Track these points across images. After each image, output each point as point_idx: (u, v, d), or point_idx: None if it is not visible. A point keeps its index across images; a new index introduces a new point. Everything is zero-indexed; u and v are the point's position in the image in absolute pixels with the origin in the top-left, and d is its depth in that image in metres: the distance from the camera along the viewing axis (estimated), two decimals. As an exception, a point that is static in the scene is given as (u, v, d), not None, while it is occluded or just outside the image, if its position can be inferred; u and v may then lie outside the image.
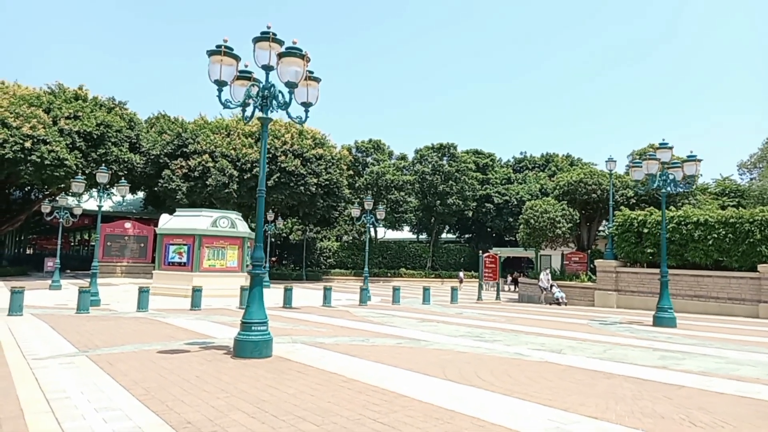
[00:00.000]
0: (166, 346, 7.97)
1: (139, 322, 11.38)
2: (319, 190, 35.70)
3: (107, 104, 32.88)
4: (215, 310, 14.94)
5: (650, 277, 19.02)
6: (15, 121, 26.95)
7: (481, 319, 13.73)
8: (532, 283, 23.37)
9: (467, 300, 22.21)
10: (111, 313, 13.78)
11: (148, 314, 13.22)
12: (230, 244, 21.84)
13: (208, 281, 20.95)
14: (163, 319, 11.96)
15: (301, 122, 7.66)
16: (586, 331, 11.25)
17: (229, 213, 22.67)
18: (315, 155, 35.34)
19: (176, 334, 9.53)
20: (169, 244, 21.44)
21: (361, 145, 45.71)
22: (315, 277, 40.22)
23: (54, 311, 13.78)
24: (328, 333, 10.05)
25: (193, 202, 32.84)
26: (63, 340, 8.37)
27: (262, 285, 7.32)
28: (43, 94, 30.79)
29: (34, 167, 27.16)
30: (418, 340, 9.09)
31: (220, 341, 8.66)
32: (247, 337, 6.96)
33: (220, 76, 6.99)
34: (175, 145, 33.71)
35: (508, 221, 46.68)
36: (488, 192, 47.67)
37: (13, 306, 12.49)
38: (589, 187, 22.03)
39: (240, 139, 34.56)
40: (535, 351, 8.12)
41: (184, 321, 11.65)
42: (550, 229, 21.69)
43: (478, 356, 7.52)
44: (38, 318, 11.81)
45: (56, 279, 22.57)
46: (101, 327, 10.30)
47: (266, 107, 7.38)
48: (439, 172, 43.59)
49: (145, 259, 34.95)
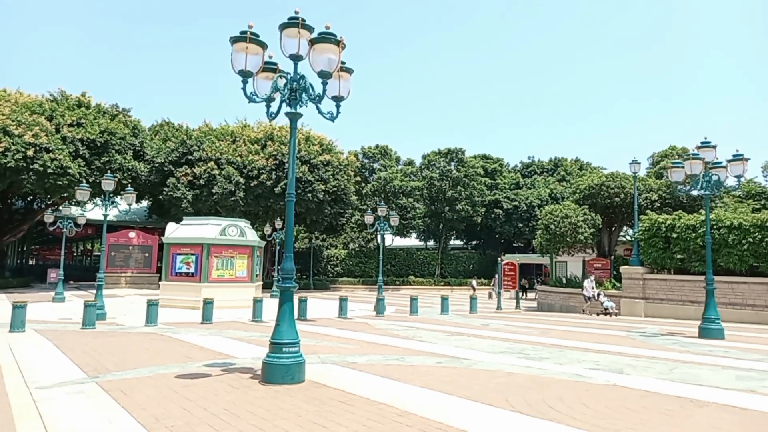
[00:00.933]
0: (183, 368, 7.17)
1: (150, 338, 10.57)
2: (326, 197, 34.94)
3: (110, 111, 32.28)
4: (227, 324, 14.13)
5: (680, 284, 18.17)
6: (17, 129, 26.31)
7: (511, 331, 12.90)
8: (552, 291, 22.52)
9: (486, 309, 21.36)
10: (118, 328, 12.98)
11: (158, 329, 12.42)
12: (239, 253, 21.04)
13: (217, 292, 20.11)
14: (174, 335, 11.15)
15: (333, 118, 6.89)
16: (632, 345, 10.41)
17: (237, 221, 21.89)
18: (322, 161, 34.62)
19: (192, 353, 8.72)
20: (176, 253, 20.66)
21: (368, 150, 45.02)
22: (323, 285, 39.37)
23: (58, 326, 12.99)
24: (357, 350, 9.24)
25: (198, 210, 32.10)
26: (69, 363, 7.58)
27: (292, 301, 6.53)
28: (45, 102, 30.19)
29: (36, 176, 26.48)
30: (457, 359, 8.26)
31: (242, 361, 7.85)
32: (278, 360, 6.16)
33: (245, 66, 6.23)
34: (179, 153, 33.02)
35: (518, 227, 45.87)
36: (497, 197, 46.84)
37: (15, 322, 11.71)
38: (611, 190, 21.23)
39: (246, 145, 33.87)
40: (594, 371, 7.29)
41: (197, 337, 10.84)
42: (571, 234, 20.87)
43: (535, 379, 6.71)
44: (41, 335, 11.02)
45: (60, 291, 21.81)
46: (110, 345, 9.50)
47: (295, 101, 6.62)
48: (448, 178, 42.83)
49: (150, 269, 34.18)
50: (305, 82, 6.61)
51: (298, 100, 6.63)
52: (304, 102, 6.71)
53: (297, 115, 6.67)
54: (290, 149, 6.71)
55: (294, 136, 6.71)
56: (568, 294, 21.62)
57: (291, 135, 6.72)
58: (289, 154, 6.70)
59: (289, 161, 6.72)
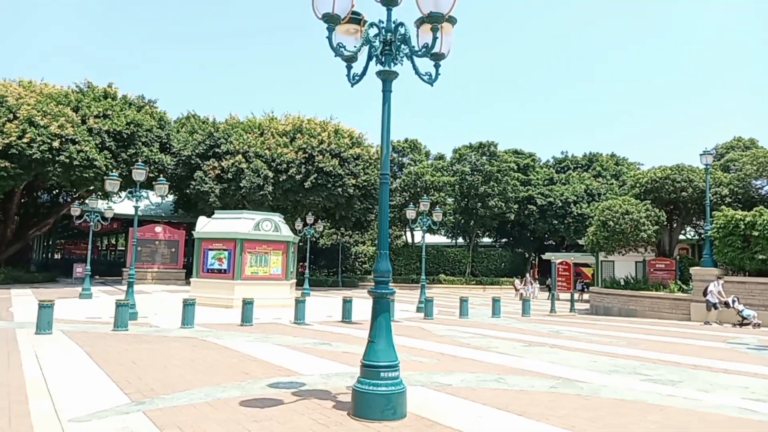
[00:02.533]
0: (245, 390, 5.83)
1: (192, 345, 9.30)
2: (356, 192, 33.63)
3: (137, 103, 31.34)
4: (269, 327, 12.85)
5: (762, 287, 16.39)
6: (42, 119, 25.46)
7: (593, 341, 11.36)
8: (609, 293, 20.81)
9: (537, 312, 19.76)
10: (153, 330, 11.78)
11: (197, 332, 11.18)
12: (274, 249, 19.81)
13: (250, 290, 18.90)
14: (217, 341, 9.88)
15: (432, 81, 5.46)
16: (751, 361, 8.82)
17: (271, 215, 20.66)
18: (352, 155, 33.27)
19: (246, 366, 7.40)
20: (208, 249, 19.51)
21: (397, 144, 43.57)
22: (351, 283, 38.10)
23: (87, 327, 11.84)
24: (437, 366, 7.82)
25: (225, 204, 31.03)
26: (106, 380, 6.31)
27: (389, 311, 5.13)
28: (71, 93, 29.36)
29: (62, 168, 25.62)
30: (570, 381, 6.79)
31: (310, 380, 6.49)
32: (375, 389, 4.76)
33: (333, 9, 4.85)
34: (207, 145, 31.98)
35: (552, 224, 44.08)
36: (530, 193, 45.03)
37: (41, 323, 10.58)
38: (677, 184, 19.44)
39: (274, 138, 32.67)
40: (757, 402, 5.76)
41: (243, 343, 9.55)
42: (632, 232, 19.15)
43: (695, 414, 5.22)
44: (70, 338, 9.84)
45: (87, 287, 20.83)
46: (148, 354, 8.24)
47: (390, 56, 5.21)
48: (480, 172, 41.16)
49: (176, 265, 33.29)
50: (405, 31, 5.19)
51: (394, 55, 5.21)
52: (400, 58, 5.30)
53: (392, 74, 5.25)
54: (383, 121, 5.29)
55: (387, 103, 5.29)
56: (627, 297, 19.92)
57: (384, 103, 5.30)
58: (382, 127, 5.29)
59: (382, 138, 5.30)
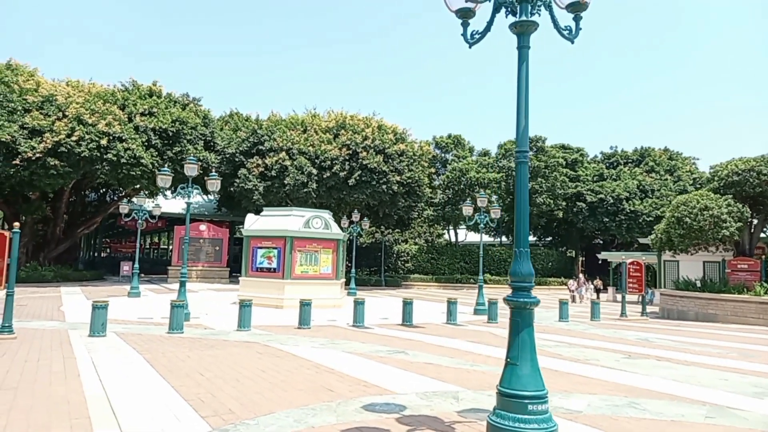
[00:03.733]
0: (339, 415, 4.89)
1: (257, 352, 8.48)
2: (400, 189, 32.60)
3: (181, 101, 31.19)
4: (328, 330, 11.99)
5: None
6: (90, 117, 25.46)
7: (695, 351, 10.00)
8: (683, 296, 19.13)
9: (606, 316, 18.28)
10: (209, 332, 11.07)
11: (257, 336, 10.38)
12: (324, 247, 19.02)
13: (300, 290, 18.20)
14: (281, 347, 9.03)
15: (572, 37, 4.37)
16: None
17: (321, 212, 19.88)
18: (396, 151, 32.26)
19: (326, 380, 6.48)
20: (257, 247, 18.86)
21: (440, 140, 42.38)
22: (394, 282, 37.14)
23: (141, 329, 11.24)
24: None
25: (269, 202, 30.53)
26: (175, 397, 5.49)
27: (533, 325, 4.08)
28: (117, 91, 29.41)
29: (110, 166, 25.57)
30: (719, 407, 5.59)
31: (410, 402, 5.50)
32: (522, 427, 3.72)
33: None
34: (250, 143, 31.57)
35: (603, 221, 42.00)
36: (579, 190, 43.06)
37: (95, 325, 9.98)
38: (763, 176, 17.63)
39: (318, 135, 32.01)
40: None
41: (311, 351, 8.67)
42: (713, 229, 17.46)
43: None
44: (126, 341, 9.19)
45: (135, 285, 20.53)
46: (213, 363, 7.44)
47: (525, 3, 4.15)
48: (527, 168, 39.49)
49: (220, 263, 33.08)
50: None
51: (533, 2, 4.15)
52: (536, 6, 4.23)
53: (531, 25, 4.19)
54: (519, 85, 4.24)
55: (525, 62, 4.23)
56: (706, 300, 18.23)
57: (520, 62, 4.24)
58: (519, 93, 4.24)
59: (519, 105, 4.25)
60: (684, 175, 45.09)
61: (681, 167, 46.85)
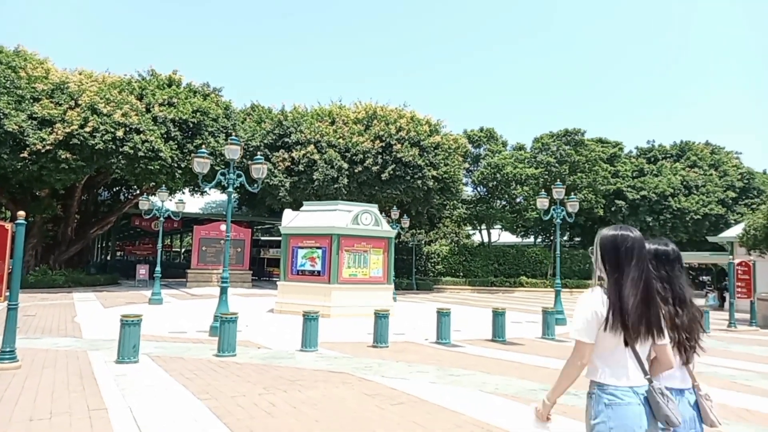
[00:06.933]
0: None
1: (359, 392, 6.03)
2: (435, 185, 30.12)
3: (202, 91, 28.89)
4: (413, 349, 9.52)
5: None
6: (105, 107, 23.21)
7: None
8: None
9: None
10: (268, 354, 8.64)
11: (333, 360, 7.94)
12: (374, 247, 16.58)
13: (349, 296, 15.81)
14: (385, 381, 6.58)
15: None
16: None
17: (370, 206, 17.46)
18: (432, 144, 29.80)
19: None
20: (297, 247, 16.45)
21: (472, 134, 39.82)
22: (426, 286, 34.63)
23: (178, 348, 8.83)
24: None
25: (295, 199, 28.17)
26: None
27: None
28: (133, 81, 27.16)
29: (126, 160, 23.31)
30: None
31: None
32: None
33: None
34: (276, 135, 29.23)
35: (645, 221, 39.21)
36: (618, 186, 40.35)
37: (125, 347, 7.58)
38: None
39: (348, 126, 29.60)
40: None
41: (434, 389, 6.20)
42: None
43: None
44: (167, 371, 6.79)
45: (157, 291, 18.20)
46: (314, 415, 5.00)
47: None
48: (566, 163, 36.91)
49: (242, 266, 30.76)
50: None
51: None
52: None
53: None
54: None
55: None
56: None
57: None
58: None
59: None
60: (731, 170, 42.27)
61: (725, 162, 43.99)
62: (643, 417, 2.10)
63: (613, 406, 2.12)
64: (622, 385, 2.14)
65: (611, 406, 2.12)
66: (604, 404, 2.14)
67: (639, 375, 2.17)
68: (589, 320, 2.17)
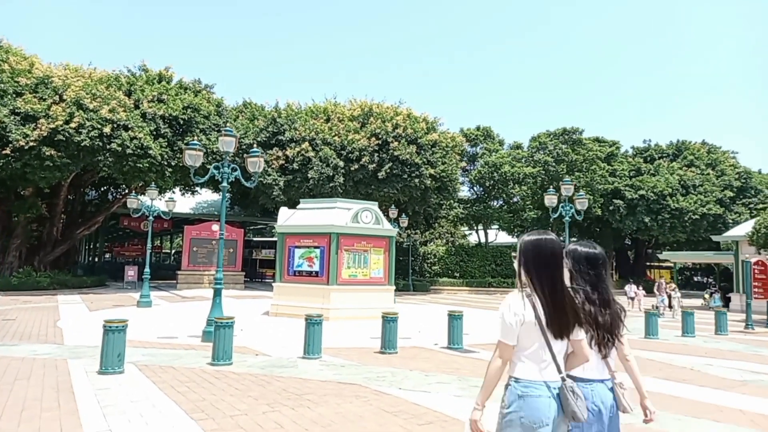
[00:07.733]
0: None
1: (378, 407, 5.33)
2: (432, 184, 29.45)
3: (193, 87, 28.01)
4: (424, 356, 8.82)
5: None
6: (92, 102, 22.28)
7: None
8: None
9: (708, 327, 15.09)
10: (268, 362, 7.89)
11: (339, 369, 7.22)
12: (374, 246, 15.86)
13: (348, 297, 15.08)
14: (404, 394, 5.87)
15: None
16: None
17: (370, 204, 16.73)
18: (429, 141, 29.13)
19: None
20: (294, 246, 15.69)
21: (468, 133, 39.22)
22: (422, 287, 33.94)
23: (169, 356, 8.07)
24: None
25: (290, 198, 27.42)
26: None
27: None
28: (122, 77, 26.24)
29: (113, 157, 22.40)
30: None
31: None
32: None
33: None
34: (269, 132, 28.44)
35: (643, 221, 38.79)
36: (616, 186, 39.94)
37: (109, 356, 6.81)
38: None
39: (343, 123, 28.86)
40: None
41: (454, 402, 5.49)
42: None
43: None
44: (156, 384, 6.03)
45: (146, 293, 17.33)
46: (306, 431, 4.28)
47: None
48: (564, 162, 36.43)
49: (235, 267, 29.89)
50: None
51: None
52: None
53: None
54: None
55: None
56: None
57: None
58: None
59: None
60: (728, 170, 41.99)
61: (722, 161, 43.74)
62: (553, 409, 2.23)
63: (525, 398, 2.25)
64: (536, 379, 2.27)
65: (524, 397, 2.25)
66: (517, 395, 2.27)
67: (554, 372, 2.29)
68: (511, 323, 2.28)
